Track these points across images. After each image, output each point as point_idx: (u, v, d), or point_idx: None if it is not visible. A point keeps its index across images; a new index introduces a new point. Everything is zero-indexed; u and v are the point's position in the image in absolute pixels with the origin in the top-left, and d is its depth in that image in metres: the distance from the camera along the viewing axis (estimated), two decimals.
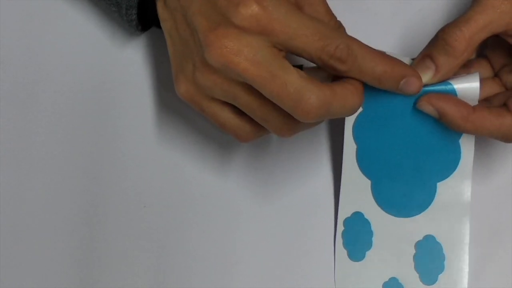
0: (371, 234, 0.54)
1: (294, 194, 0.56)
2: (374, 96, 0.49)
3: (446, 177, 0.52)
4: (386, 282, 0.54)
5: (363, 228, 0.54)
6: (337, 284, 0.55)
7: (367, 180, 0.53)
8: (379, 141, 0.52)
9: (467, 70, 0.52)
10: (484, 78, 0.52)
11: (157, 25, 0.51)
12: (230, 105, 0.47)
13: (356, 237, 0.54)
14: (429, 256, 0.53)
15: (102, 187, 0.56)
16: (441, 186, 0.52)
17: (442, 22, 0.54)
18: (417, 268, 0.53)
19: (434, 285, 0.53)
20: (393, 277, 0.54)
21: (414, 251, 0.53)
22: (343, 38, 0.45)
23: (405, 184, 0.52)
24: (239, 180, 0.56)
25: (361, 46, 0.45)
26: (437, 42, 0.48)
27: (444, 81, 0.49)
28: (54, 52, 0.57)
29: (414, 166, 0.52)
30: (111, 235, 0.56)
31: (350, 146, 0.52)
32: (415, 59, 0.49)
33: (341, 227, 0.54)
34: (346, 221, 0.54)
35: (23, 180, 0.57)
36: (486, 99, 0.51)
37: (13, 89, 0.57)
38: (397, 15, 0.56)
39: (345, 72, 0.45)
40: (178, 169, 0.56)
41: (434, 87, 0.49)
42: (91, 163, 0.56)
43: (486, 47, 0.53)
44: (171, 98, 0.55)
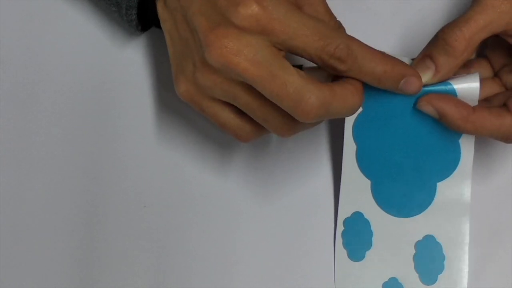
0: (371, 234, 0.54)
1: (294, 194, 0.56)
2: (374, 96, 0.49)
3: (446, 177, 0.52)
4: (386, 282, 0.54)
5: (363, 228, 0.54)
6: (337, 284, 0.55)
7: (367, 180, 0.53)
8: (379, 141, 0.52)
9: (467, 70, 0.52)
10: (484, 78, 0.52)
11: (157, 25, 0.51)
12: (230, 105, 0.47)
13: (356, 237, 0.54)
14: (429, 256, 0.53)
15: (102, 187, 0.56)
16: (441, 186, 0.52)
17: (442, 22, 0.54)
18: (417, 268, 0.53)
19: (434, 285, 0.53)
20: (393, 277, 0.54)
21: (414, 251, 0.53)
22: (343, 38, 0.45)
23: (405, 184, 0.52)
24: (239, 180, 0.56)
25: (361, 46, 0.45)
26: (437, 42, 0.48)
27: (444, 81, 0.49)
28: (54, 52, 0.56)
29: (414, 166, 0.52)
30: (111, 235, 0.56)
31: (350, 146, 0.52)
32: (415, 59, 0.49)
33: (341, 227, 0.54)
34: (346, 221, 0.54)
35: (23, 180, 0.57)
36: (486, 99, 0.51)
37: (13, 89, 0.57)
38: (397, 15, 0.56)
39: (345, 72, 0.45)
40: (178, 169, 0.56)
41: (434, 87, 0.49)
42: (91, 163, 0.56)
43: (486, 47, 0.53)
44: (171, 98, 0.55)
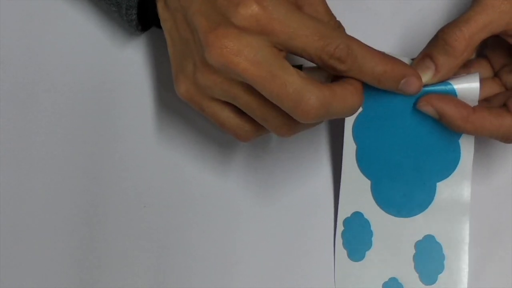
0: (371, 234, 0.54)
1: (294, 194, 0.56)
2: (374, 96, 0.49)
3: (446, 177, 0.52)
4: (386, 282, 0.54)
5: (363, 228, 0.54)
6: (337, 284, 0.55)
7: (367, 180, 0.53)
8: (379, 141, 0.52)
9: (467, 70, 0.52)
10: (484, 78, 0.52)
11: (157, 25, 0.51)
12: (230, 104, 0.47)
13: (356, 237, 0.54)
14: (429, 256, 0.53)
15: (102, 187, 0.56)
16: (440, 186, 0.52)
17: (442, 22, 0.54)
18: (417, 268, 0.53)
19: (434, 285, 0.53)
20: (393, 277, 0.54)
21: (414, 251, 0.53)
22: (343, 38, 0.45)
23: (405, 184, 0.52)
24: (239, 180, 0.56)
25: (361, 46, 0.45)
26: (437, 42, 0.48)
27: (444, 81, 0.49)
28: (54, 52, 0.56)
29: (414, 166, 0.52)
30: (111, 235, 0.56)
31: (350, 146, 0.52)
32: (415, 59, 0.49)
33: (341, 227, 0.54)
34: (346, 221, 0.54)
35: (23, 180, 0.57)
36: (486, 99, 0.51)
37: (13, 89, 0.57)
38: (397, 15, 0.56)
39: (345, 72, 0.45)
40: (178, 169, 0.56)
41: (434, 87, 0.49)
42: (91, 163, 0.56)
43: (486, 47, 0.53)
44: (171, 98, 0.55)
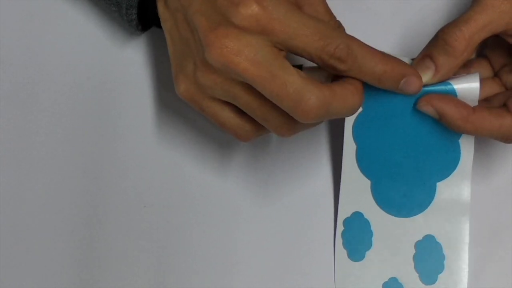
0: (371, 234, 0.54)
1: (294, 194, 0.56)
2: (374, 96, 0.49)
3: (445, 177, 0.52)
4: (386, 282, 0.54)
5: (363, 228, 0.54)
6: (337, 284, 0.55)
7: (367, 180, 0.53)
8: (379, 141, 0.52)
9: (467, 70, 0.52)
10: (484, 78, 0.52)
11: (157, 25, 0.51)
12: (230, 104, 0.47)
13: (356, 237, 0.54)
14: (429, 256, 0.53)
15: (102, 187, 0.56)
16: (440, 186, 0.52)
17: (442, 22, 0.54)
18: (417, 268, 0.53)
19: (434, 285, 0.53)
20: (393, 277, 0.54)
21: (414, 251, 0.53)
22: (343, 37, 0.44)
23: (404, 184, 0.52)
24: (239, 180, 0.56)
25: (361, 46, 0.45)
26: (437, 42, 0.48)
27: (444, 81, 0.49)
28: (54, 52, 0.56)
29: (414, 166, 0.52)
30: (111, 235, 0.56)
31: (350, 146, 0.52)
32: (415, 59, 0.49)
33: (341, 227, 0.54)
34: (346, 221, 0.54)
35: (23, 180, 0.57)
36: (486, 99, 0.51)
37: (13, 89, 0.57)
38: (397, 15, 0.56)
39: (345, 71, 0.45)
40: (178, 169, 0.56)
41: (434, 87, 0.49)
42: (91, 163, 0.56)
43: (486, 47, 0.53)
44: (171, 98, 0.55)
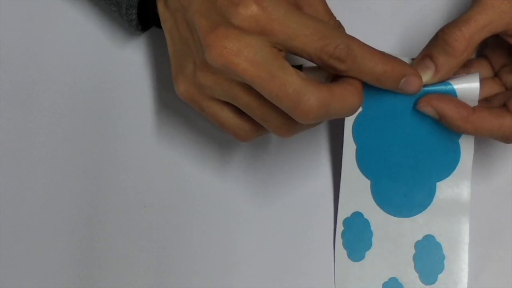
0: (371, 234, 0.54)
1: (294, 194, 0.56)
2: (374, 96, 0.49)
3: (445, 177, 0.52)
4: (386, 282, 0.54)
5: (363, 228, 0.54)
6: (337, 284, 0.55)
7: (367, 180, 0.53)
8: (379, 141, 0.52)
9: (467, 70, 0.52)
10: (484, 78, 0.52)
11: (157, 25, 0.51)
12: (230, 104, 0.47)
13: (355, 237, 0.54)
14: (428, 256, 0.53)
15: (102, 187, 0.56)
16: (440, 186, 0.52)
17: (442, 22, 0.54)
18: (417, 268, 0.53)
19: (434, 285, 0.53)
20: (393, 277, 0.54)
21: (414, 251, 0.53)
22: (343, 37, 0.44)
23: (404, 184, 0.52)
24: (239, 180, 0.56)
25: (360, 46, 0.45)
26: (437, 42, 0.48)
27: (444, 81, 0.49)
28: (54, 52, 0.57)
29: (414, 166, 0.52)
30: (111, 235, 0.56)
31: (349, 146, 0.52)
32: (415, 59, 0.49)
33: (340, 227, 0.54)
34: (346, 221, 0.54)
35: (23, 180, 0.57)
36: (486, 99, 0.51)
37: (13, 89, 0.57)
38: (397, 15, 0.56)
39: (344, 71, 0.45)
40: (178, 169, 0.56)
41: (434, 87, 0.49)
42: (91, 163, 0.56)
43: (486, 47, 0.53)
44: (171, 98, 0.55)
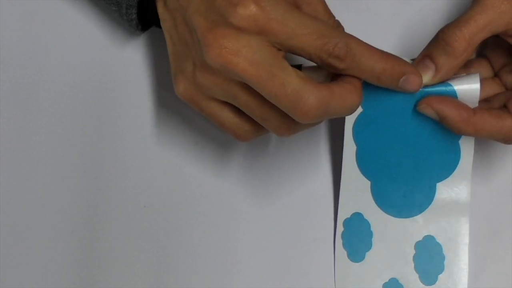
0: (371, 234, 0.54)
1: (294, 194, 0.56)
2: (374, 96, 0.49)
3: (445, 177, 0.52)
4: (386, 282, 0.54)
5: (363, 228, 0.54)
6: (337, 285, 0.55)
7: (367, 180, 0.53)
8: (379, 141, 0.52)
9: (467, 70, 0.52)
10: (484, 78, 0.52)
11: (157, 24, 0.51)
12: (230, 104, 0.47)
13: (355, 238, 0.54)
14: (429, 256, 0.53)
15: (102, 187, 0.56)
16: (440, 186, 0.52)
17: (442, 22, 0.54)
18: (417, 268, 0.53)
19: (434, 285, 0.53)
20: (393, 277, 0.54)
21: (414, 252, 0.53)
22: (342, 36, 0.44)
23: (404, 184, 0.52)
24: (239, 180, 0.56)
25: (360, 44, 0.45)
26: (437, 42, 0.48)
27: (444, 81, 0.49)
28: (54, 52, 0.57)
29: (414, 166, 0.52)
30: (111, 235, 0.56)
31: (350, 147, 0.52)
32: (415, 59, 0.49)
33: (340, 228, 0.54)
34: (346, 221, 0.54)
35: (23, 180, 0.57)
36: (486, 100, 0.51)
37: (13, 89, 0.57)
38: (397, 15, 0.56)
39: (344, 70, 0.45)
40: (178, 169, 0.56)
41: (434, 88, 0.49)
42: (91, 163, 0.56)
43: (486, 47, 0.53)
44: (171, 98, 0.55)
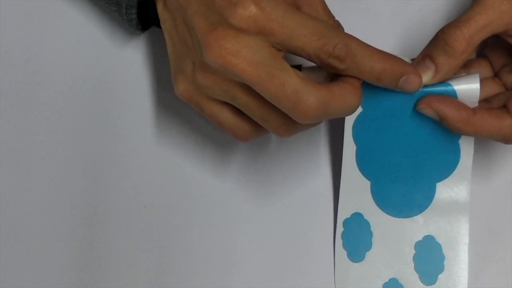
0: (371, 235, 0.54)
1: (294, 194, 0.56)
2: (374, 96, 0.49)
3: (445, 177, 0.52)
4: (386, 282, 0.54)
5: (363, 229, 0.54)
6: (337, 285, 0.55)
7: (367, 180, 0.53)
8: (379, 141, 0.52)
9: (467, 70, 0.52)
10: (484, 78, 0.52)
11: (157, 24, 0.51)
12: (229, 104, 0.47)
13: (355, 238, 0.54)
14: (428, 256, 0.53)
15: (102, 187, 0.56)
16: (440, 186, 0.52)
17: (442, 22, 0.54)
18: (417, 268, 0.53)
19: (434, 285, 0.53)
20: (393, 277, 0.54)
21: (414, 252, 0.53)
22: (342, 36, 0.44)
23: (404, 184, 0.52)
24: (239, 180, 0.56)
25: (359, 44, 0.45)
26: (437, 42, 0.48)
27: (444, 81, 0.49)
28: (54, 52, 0.57)
29: (414, 166, 0.52)
30: (111, 235, 0.56)
31: (349, 147, 0.52)
32: (415, 59, 0.49)
33: (340, 228, 0.54)
34: (346, 222, 0.54)
35: (23, 180, 0.57)
36: (486, 100, 0.51)
37: (13, 89, 0.57)
38: (397, 15, 0.56)
39: (344, 70, 0.45)
40: (178, 169, 0.56)
41: (434, 88, 0.49)
42: (91, 163, 0.56)
43: (486, 47, 0.53)
44: (171, 98, 0.55)
